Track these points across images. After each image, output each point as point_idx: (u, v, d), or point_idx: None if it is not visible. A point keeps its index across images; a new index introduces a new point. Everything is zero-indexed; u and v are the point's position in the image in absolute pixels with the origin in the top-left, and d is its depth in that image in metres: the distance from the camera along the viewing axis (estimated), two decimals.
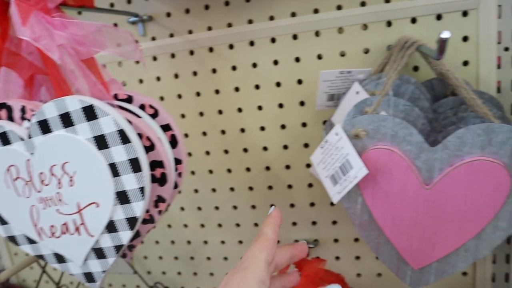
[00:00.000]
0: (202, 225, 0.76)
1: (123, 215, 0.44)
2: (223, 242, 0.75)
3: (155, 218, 0.48)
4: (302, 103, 0.63)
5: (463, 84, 0.45)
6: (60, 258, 0.48)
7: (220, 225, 0.74)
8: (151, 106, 0.48)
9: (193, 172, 0.73)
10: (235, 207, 0.72)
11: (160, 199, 0.47)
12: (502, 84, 0.58)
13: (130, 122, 0.44)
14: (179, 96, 0.69)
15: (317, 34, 0.60)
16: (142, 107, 0.48)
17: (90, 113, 0.41)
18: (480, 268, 0.62)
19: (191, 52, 0.66)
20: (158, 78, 0.70)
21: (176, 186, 0.51)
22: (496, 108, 0.49)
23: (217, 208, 0.73)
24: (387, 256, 0.48)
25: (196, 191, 0.73)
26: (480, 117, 0.45)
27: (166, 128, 0.49)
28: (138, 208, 0.43)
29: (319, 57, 0.61)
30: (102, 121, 0.41)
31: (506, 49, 0.57)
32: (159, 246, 0.80)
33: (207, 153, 0.71)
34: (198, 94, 0.68)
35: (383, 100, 0.47)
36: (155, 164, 0.45)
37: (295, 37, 0.61)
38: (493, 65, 0.56)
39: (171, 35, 0.67)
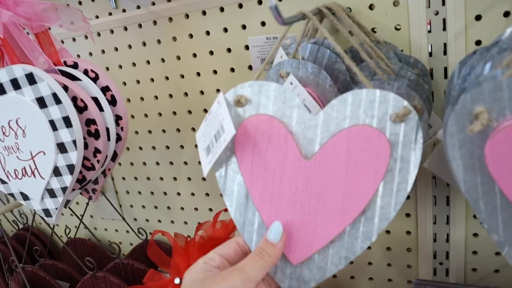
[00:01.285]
0: (175, 178, 0.85)
1: (63, 162, 0.53)
2: (193, 194, 0.84)
3: (96, 166, 0.57)
4: (250, 67, 0.69)
5: (342, 52, 0.43)
6: (24, 196, 0.58)
7: (189, 179, 0.83)
8: (92, 71, 0.56)
9: (164, 130, 0.81)
10: (200, 163, 0.80)
11: (97, 150, 0.55)
12: (434, 48, 0.60)
13: (66, 87, 0.52)
14: (148, 62, 0.77)
15: (259, 2, 0.64)
16: (85, 72, 0.56)
17: (31, 79, 0.50)
18: (422, 229, 0.66)
19: (155, 22, 0.73)
20: (130, 46, 0.78)
21: (120, 138, 0.59)
22: (419, 71, 0.52)
23: (186, 163, 0.82)
24: None
25: (167, 147, 0.82)
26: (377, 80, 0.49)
27: (106, 89, 0.57)
28: (73, 156, 0.52)
29: (263, 24, 0.65)
30: (40, 86, 0.50)
31: (436, 13, 0.59)
32: (142, 196, 0.91)
33: (174, 113, 0.79)
34: (163, 60, 0.76)
35: (295, 63, 0.52)
36: (90, 122, 0.54)
37: (240, 6, 0.66)
38: (423, 29, 0.58)
39: (138, 7, 0.74)
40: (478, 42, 0.54)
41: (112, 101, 0.57)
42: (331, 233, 0.37)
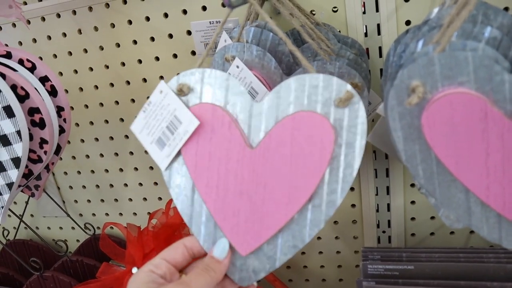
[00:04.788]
0: (121, 170, 0.83)
1: (7, 156, 0.50)
2: (140, 184, 0.83)
3: (43, 158, 0.54)
4: (193, 53, 0.68)
5: (284, 36, 0.42)
6: None
7: (136, 169, 0.82)
8: (28, 60, 0.53)
9: (106, 121, 0.79)
10: (147, 152, 0.79)
11: (43, 141, 0.53)
12: (369, 28, 0.63)
13: (4, 74, 0.49)
14: (85, 51, 0.74)
15: None
16: (20, 61, 0.53)
17: None
18: (366, 201, 0.70)
19: (90, 8, 0.70)
20: (64, 34, 0.74)
21: (63, 130, 0.57)
22: (357, 50, 0.54)
23: (131, 153, 0.80)
24: (212, 241, 0.39)
25: (111, 138, 0.80)
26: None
27: (45, 79, 0.54)
28: (18, 149, 0.50)
29: (204, 8, 0.65)
30: None
31: None
32: (86, 190, 0.88)
33: (117, 102, 0.77)
34: (101, 48, 0.73)
35: (240, 46, 0.53)
36: (33, 111, 0.51)
37: None
38: (358, 11, 0.61)
39: None
40: (408, 22, 0.58)
41: (53, 92, 0.54)
42: (279, 222, 0.37)
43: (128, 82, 0.74)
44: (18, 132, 0.49)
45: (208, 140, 0.38)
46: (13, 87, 0.49)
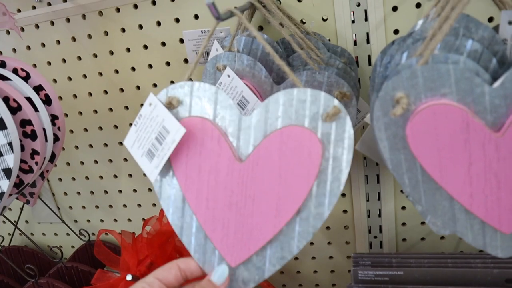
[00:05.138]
0: (115, 176, 0.83)
1: None
2: (135, 190, 0.83)
3: (34, 169, 0.55)
4: (186, 61, 0.69)
5: (272, 51, 0.42)
6: None
7: (130, 175, 0.82)
8: (22, 70, 0.54)
9: (100, 128, 0.79)
10: None
11: (34, 152, 0.53)
12: (358, 37, 0.64)
13: None
14: (79, 58, 0.75)
15: None
16: (15, 70, 0.54)
17: None
18: (357, 207, 0.71)
19: (84, 16, 0.71)
20: (58, 42, 0.75)
21: (57, 138, 0.58)
22: (346, 59, 0.55)
23: (125, 159, 0.81)
24: (202, 252, 0.40)
25: (105, 145, 0.80)
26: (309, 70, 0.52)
27: (39, 88, 0.55)
28: (10, 160, 0.50)
29: (196, 17, 0.66)
30: None
31: (358, 4, 0.63)
32: (81, 196, 0.88)
33: (110, 109, 0.77)
34: (95, 55, 0.74)
35: (231, 56, 0.54)
36: (25, 122, 0.52)
37: None
38: (348, 20, 0.62)
39: (65, 0, 0.71)
40: (396, 31, 0.59)
41: (47, 101, 0.55)
42: (268, 235, 0.37)
43: (121, 90, 0.75)
44: (10, 144, 0.49)
45: (198, 153, 0.38)
46: (6, 99, 0.50)
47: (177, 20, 0.67)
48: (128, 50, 0.71)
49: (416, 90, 0.34)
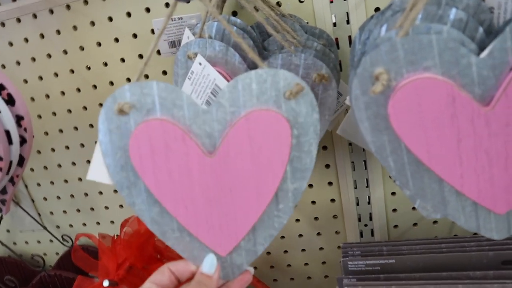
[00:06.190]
0: None
1: None
2: (115, 191, 0.80)
3: None
4: (159, 52, 0.66)
5: (239, 39, 0.44)
6: None
7: None
8: None
9: (76, 128, 0.76)
10: None
11: None
12: (337, 17, 0.61)
13: None
14: (49, 56, 0.71)
15: None
16: None
17: None
18: (345, 195, 0.68)
19: (51, 11, 0.68)
20: (26, 40, 0.71)
21: (24, 141, 0.54)
22: (325, 41, 0.53)
23: None
24: (190, 250, 0.39)
25: (82, 145, 0.77)
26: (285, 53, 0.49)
27: (1, 87, 0.51)
28: None
29: (167, 5, 0.63)
30: None
31: None
32: (61, 201, 0.85)
33: (85, 108, 0.74)
34: (65, 52, 0.70)
35: (202, 42, 0.51)
36: None
37: None
38: (326, 0, 0.59)
39: None
40: (377, 9, 0.56)
41: (10, 100, 0.52)
42: (252, 218, 0.38)
43: (95, 86, 0.71)
44: None
45: (164, 157, 0.36)
46: None
47: (147, 9, 0.63)
48: (99, 44, 0.68)
49: (396, 65, 0.31)
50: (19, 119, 0.53)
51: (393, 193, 0.67)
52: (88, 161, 0.78)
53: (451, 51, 0.30)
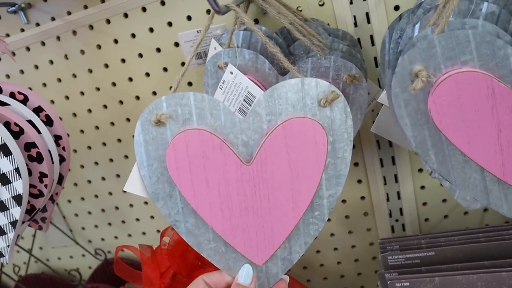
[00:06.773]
0: (124, 191, 0.81)
1: (8, 195, 0.49)
2: (146, 203, 0.82)
3: (44, 192, 0.53)
4: (183, 64, 0.67)
5: (265, 39, 0.44)
6: None
7: None
8: (19, 93, 0.52)
9: (104, 144, 0.78)
10: None
11: (42, 175, 0.52)
12: (358, 18, 0.62)
13: None
14: (74, 76, 0.73)
15: None
16: (12, 95, 0.52)
17: None
18: (375, 191, 0.69)
19: (74, 32, 0.69)
20: (51, 62, 0.73)
21: (63, 159, 0.56)
22: (349, 42, 0.54)
23: None
24: (226, 260, 0.39)
25: (111, 160, 0.79)
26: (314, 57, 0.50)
27: (39, 110, 0.53)
28: (19, 186, 0.48)
29: (189, 18, 0.64)
30: None
31: None
32: (92, 216, 0.86)
33: (112, 124, 0.75)
34: (90, 71, 0.72)
35: (232, 52, 0.52)
36: (29, 145, 0.50)
37: (163, 3, 0.64)
38: (345, 1, 0.60)
39: (53, 19, 0.69)
40: (396, 8, 0.57)
41: (48, 122, 0.53)
42: (289, 227, 0.38)
43: (121, 102, 0.73)
44: (17, 170, 0.48)
45: (202, 166, 0.37)
46: (7, 124, 0.48)
47: (169, 24, 0.65)
48: (123, 60, 0.70)
49: (435, 61, 0.32)
50: (57, 138, 0.55)
51: (423, 187, 0.67)
52: (118, 175, 0.80)
53: (488, 44, 0.31)
